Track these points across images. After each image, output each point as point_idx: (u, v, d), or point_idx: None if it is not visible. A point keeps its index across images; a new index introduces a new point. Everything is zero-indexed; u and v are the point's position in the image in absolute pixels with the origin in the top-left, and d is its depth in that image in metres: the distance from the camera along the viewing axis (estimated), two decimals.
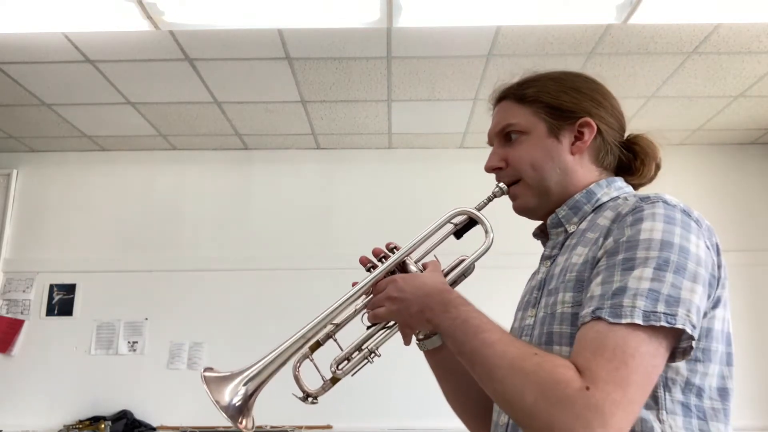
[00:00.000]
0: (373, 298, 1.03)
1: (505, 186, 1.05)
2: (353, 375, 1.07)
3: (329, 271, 3.39)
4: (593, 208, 0.99)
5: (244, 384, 0.95)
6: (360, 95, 3.21)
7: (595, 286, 0.82)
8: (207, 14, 2.46)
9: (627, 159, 1.04)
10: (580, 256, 0.91)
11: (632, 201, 0.89)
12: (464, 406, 1.14)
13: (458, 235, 1.09)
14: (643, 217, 0.85)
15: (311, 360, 1.05)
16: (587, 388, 0.73)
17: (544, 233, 1.07)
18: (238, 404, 0.94)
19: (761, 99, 3.27)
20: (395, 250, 1.05)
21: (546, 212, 1.04)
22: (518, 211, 1.07)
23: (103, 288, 3.67)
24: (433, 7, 2.43)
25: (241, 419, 0.94)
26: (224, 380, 0.96)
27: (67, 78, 3.00)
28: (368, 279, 1.03)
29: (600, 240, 0.88)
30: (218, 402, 0.93)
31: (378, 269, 1.04)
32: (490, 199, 1.07)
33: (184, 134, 3.70)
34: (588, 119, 1.00)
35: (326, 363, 1.08)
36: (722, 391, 0.85)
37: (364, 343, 1.07)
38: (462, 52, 2.82)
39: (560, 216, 1.01)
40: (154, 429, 3.43)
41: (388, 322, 1.05)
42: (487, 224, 1.06)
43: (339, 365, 1.07)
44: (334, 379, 1.06)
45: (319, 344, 1.06)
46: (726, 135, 3.75)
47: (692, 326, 0.78)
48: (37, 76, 2.99)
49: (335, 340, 1.08)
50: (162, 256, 3.73)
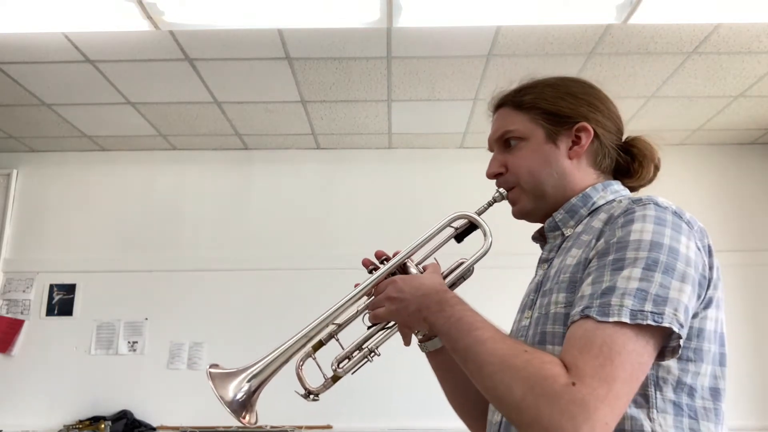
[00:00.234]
0: (373, 298, 1.05)
1: (504, 191, 1.07)
2: (353, 373, 1.10)
3: (329, 271, 3.40)
4: (589, 212, 1.00)
5: (248, 380, 0.98)
6: (360, 95, 3.22)
7: (586, 286, 0.84)
8: (207, 14, 2.47)
9: (625, 162, 1.06)
10: (574, 257, 0.92)
11: (624, 203, 0.91)
12: (463, 407, 1.16)
13: (459, 239, 1.12)
14: (633, 219, 0.86)
15: (314, 359, 1.08)
16: (573, 383, 0.74)
17: (543, 237, 1.08)
18: (242, 400, 0.96)
19: (761, 99, 3.28)
20: (386, 262, 1.08)
21: (544, 216, 1.06)
22: (517, 215, 1.09)
23: (103, 288, 3.67)
24: (433, 7, 2.44)
25: (244, 414, 0.96)
26: (229, 376, 0.98)
27: (67, 78, 3.01)
28: (370, 280, 1.06)
29: (593, 242, 0.90)
30: (222, 397, 0.95)
31: (379, 271, 1.07)
32: (490, 204, 1.09)
33: (184, 134, 3.70)
34: (585, 124, 1.02)
35: (328, 362, 1.10)
36: (714, 391, 0.86)
37: (365, 343, 1.09)
38: (462, 52, 2.82)
39: (557, 220, 1.03)
40: (154, 429, 3.43)
41: (388, 322, 1.07)
42: (486, 228, 1.09)
43: (340, 363, 1.09)
44: (334, 377, 1.08)
45: (321, 344, 1.09)
46: (726, 135, 3.75)
47: (680, 325, 0.79)
48: (37, 76, 2.99)
49: (337, 340, 1.10)
50: (162, 256, 3.73)
